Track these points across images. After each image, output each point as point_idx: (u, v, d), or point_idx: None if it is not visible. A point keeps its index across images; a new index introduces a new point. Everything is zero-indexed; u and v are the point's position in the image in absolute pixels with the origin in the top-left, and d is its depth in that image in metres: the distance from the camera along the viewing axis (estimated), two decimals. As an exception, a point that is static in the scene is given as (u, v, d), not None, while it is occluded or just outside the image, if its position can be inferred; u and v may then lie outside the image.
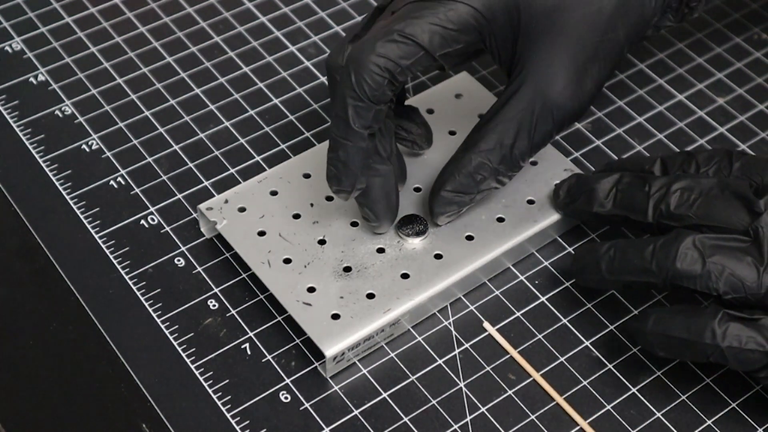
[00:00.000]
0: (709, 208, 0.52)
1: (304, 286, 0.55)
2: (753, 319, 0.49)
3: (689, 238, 0.50)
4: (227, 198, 0.58)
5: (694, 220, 0.52)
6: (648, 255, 0.51)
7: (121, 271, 0.58)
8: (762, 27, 0.71)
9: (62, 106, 0.66)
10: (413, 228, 0.57)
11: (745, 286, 0.49)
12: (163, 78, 0.67)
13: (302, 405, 0.53)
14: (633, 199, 0.54)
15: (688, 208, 0.52)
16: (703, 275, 0.50)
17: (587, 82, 0.55)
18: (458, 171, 0.55)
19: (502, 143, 0.54)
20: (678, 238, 0.51)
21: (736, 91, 0.67)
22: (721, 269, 0.49)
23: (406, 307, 0.54)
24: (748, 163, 0.54)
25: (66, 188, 0.61)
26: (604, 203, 0.55)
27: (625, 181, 0.55)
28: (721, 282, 0.49)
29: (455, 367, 0.54)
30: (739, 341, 0.49)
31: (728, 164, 0.54)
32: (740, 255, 0.50)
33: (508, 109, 0.55)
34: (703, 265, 0.50)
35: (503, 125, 0.55)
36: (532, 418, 0.53)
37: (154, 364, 0.54)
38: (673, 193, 0.53)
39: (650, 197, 0.53)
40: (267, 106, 0.66)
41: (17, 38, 0.69)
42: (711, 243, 0.50)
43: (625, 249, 0.53)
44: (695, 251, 0.50)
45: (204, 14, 0.71)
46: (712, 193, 0.52)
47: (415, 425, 0.52)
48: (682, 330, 0.50)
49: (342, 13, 0.71)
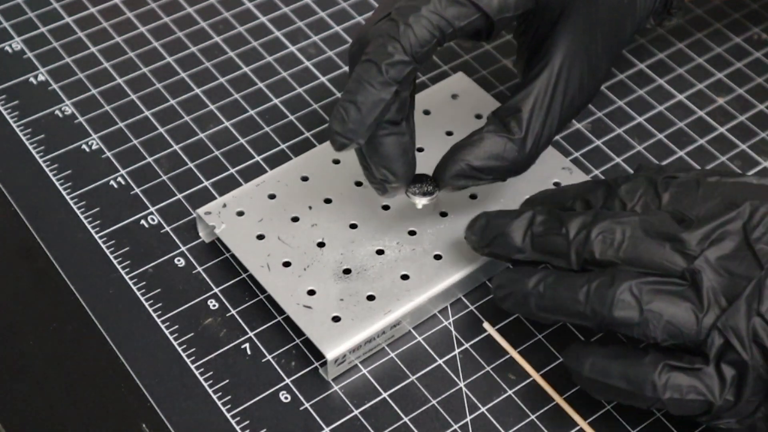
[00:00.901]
0: (637, 252, 0.49)
1: (304, 289, 0.55)
2: (693, 368, 0.47)
3: (625, 284, 0.48)
4: (225, 202, 0.58)
5: (622, 265, 0.49)
6: (582, 298, 0.49)
7: (121, 271, 0.58)
8: (762, 27, 0.71)
9: (62, 106, 0.66)
10: (421, 188, 0.55)
11: (683, 333, 0.48)
12: (163, 78, 0.67)
13: (302, 405, 0.53)
14: (552, 243, 0.51)
15: (614, 253, 0.49)
16: (641, 323, 0.48)
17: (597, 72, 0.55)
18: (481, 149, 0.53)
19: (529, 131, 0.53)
20: (614, 283, 0.48)
21: (736, 91, 0.67)
22: (659, 317, 0.48)
23: (406, 308, 0.54)
24: (678, 193, 0.51)
25: (66, 188, 0.61)
26: (522, 248, 0.52)
27: (539, 221, 0.52)
28: (659, 330, 0.48)
29: (455, 367, 0.54)
30: (680, 392, 0.47)
31: (655, 196, 0.51)
32: (678, 300, 0.48)
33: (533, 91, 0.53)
34: (641, 313, 0.48)
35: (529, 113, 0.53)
36: (532, 418, 0.53)
37: (154, 364, 0.54)
38: (595, 237, 0.50)
39: (570, 243, 0.50)
40: (267, 106, 0.66)
41: (17, 38, 0.69)
42: (648, 288, 0.48)
43: (555, 286, 0.50)
44: (632, 298, 0.48)
45: (204, 14, 0.71)
46: (636, 234, 0.49)
47: (415, 425, 0.52)
48: (621, 380, 0.48)
49: (342, 13, 0.71)
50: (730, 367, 0.47)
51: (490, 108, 0.63)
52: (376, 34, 0.51)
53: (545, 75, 0.54)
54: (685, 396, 0.47)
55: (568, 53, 0.54)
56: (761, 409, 0.47)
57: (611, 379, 0.49)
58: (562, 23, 0.54)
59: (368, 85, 0.50)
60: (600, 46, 0.55)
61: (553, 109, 0.54)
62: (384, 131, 0.52)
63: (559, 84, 0.54)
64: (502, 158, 0.53)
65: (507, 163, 0.53)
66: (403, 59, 0.50)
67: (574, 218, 0.51)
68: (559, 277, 0.50)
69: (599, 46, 0.55)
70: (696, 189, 0.51)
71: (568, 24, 0.54)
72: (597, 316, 0.49)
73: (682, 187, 0.51)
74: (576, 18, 0.54)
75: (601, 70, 0.56)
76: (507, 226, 0.53)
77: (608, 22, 0.55)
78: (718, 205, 0.50)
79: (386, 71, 0.50)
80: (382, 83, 0.50)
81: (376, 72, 0.50)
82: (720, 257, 0.48)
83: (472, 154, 0.53)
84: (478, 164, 0.53)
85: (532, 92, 0.54)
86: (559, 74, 0.54)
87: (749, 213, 0.49)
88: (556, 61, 0.54)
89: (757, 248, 0.48)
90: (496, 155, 0.53)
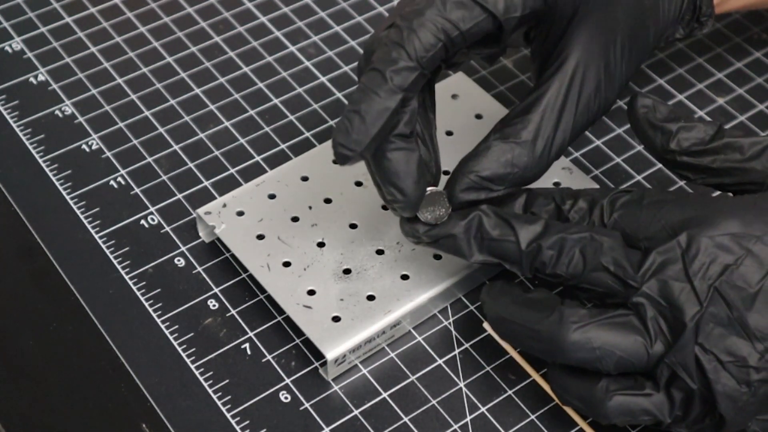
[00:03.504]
0: (584, 276, 0.50)
1: (304, 289, 0.55)
2: (644, 394, 0.48)
3: (571, 329, 0.48)
4: (225, 202, 0.58)
5: (572, 281, 0.50)
6: (534, 337, 0.49)
7: (121, 271, 0.58)
8: (762, 27, 0.71)
9: (62, 106, 0.66)
10: (433, 212, 0.52)
11: (635, 365, 0.48)
12: (163, 78, 0.67)
13: (302, 405, 0.53)
14: (504, 249, 0.51)
15: (563, 269, 0.50)
16: (593, 360, 0.48)
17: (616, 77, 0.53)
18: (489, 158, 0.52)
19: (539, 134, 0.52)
20: (561, 326, 0.48)
21: (736, 91, 0.67)
22: (610, 353, 0.48)
23: (406, 308, 0.54)
24: (624, 215, 0.51)
25: (66, 188, 0.61)
26: (472, 252, 0.51)
27: (490, 225, 0.51)
28: (612, 366, 0.48)
29: (455, 367, 0.54)
30: (632, 416, 0.48)
31: (600, 216, 0.51)
32: (627, 333, 0.48)
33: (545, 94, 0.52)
34: (592, 351, 0.48)
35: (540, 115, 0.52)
36: (532, 418, 0.53)
37: (154, 364, 0.54)
38: (545, 251, 0.50)
39: (523, 253, 0.50)
40: (267, 106, 0.66)
41: (17, 38, 0.69)
42: (596, 323, 0.48)
43: (511, 322, 0.50)
44: (582, 337, 0.48)
45: (204, 14, 0.71)
46: (586, 252, 0.49)
47: (415, 425, 0.52)
48: (577, 398, 0.49)
49: (342, 13, 0.71)
50: (678, 391, 0.48)
51: (490, 108, 0.63)
52: (381, 43, 0.50)
53: (558, 77, 0.52)
54: (636, 418, 0.49)
55: (583, 54, 0.52)
56: (709, 416, 0.48)
57: (570, 394, 0.50)
58: (576, 24, 0.52)
59: (372, 93, 0.48)
60: (618, 50, 0.53)
61: (566, 113, 0.52)
62: (391, 145, 0.50)
63: (573, 86, 0.52)
64: (512, 165, 0.51)
65: (518, 170, 0.52)
66: (408, 65, 0.49)
67: (524, 226, 0.51)
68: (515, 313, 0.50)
69: (617, 50, 0.53)
70: (639, 210, 0.51)
71: (583, 25, 0.52)
72: (554, 356, 0.49)
73: (628, 207, 0.51)
74: (591, 19, 0.52)
75: (621, 76, 0.54)
76: (454, 227, 0.51)
77: (627, 25, 0.53)
78: (660, 231, 0.50)
79: (391, 78, 0.48)
80: (387, 91, 0.48)
81: (380, 80, 0.48)
82: (660, 290, 0.48)
83: (479, 164, 0.52)
84: (487, 174, 0.51)
85: (544, 95, 0.52)
86: (573, 76, 0.52)
87: (686, 243, 0.49)
88: (571, 62, 0.52)
89: (695, 283, 0.48)
90: (505, 162, 0.51)
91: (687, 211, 0.50)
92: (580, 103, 0.52)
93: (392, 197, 0.51)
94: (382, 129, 0.48)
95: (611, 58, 0.53)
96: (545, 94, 0.52)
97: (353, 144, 0.48)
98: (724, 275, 0.48)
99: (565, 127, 0.52)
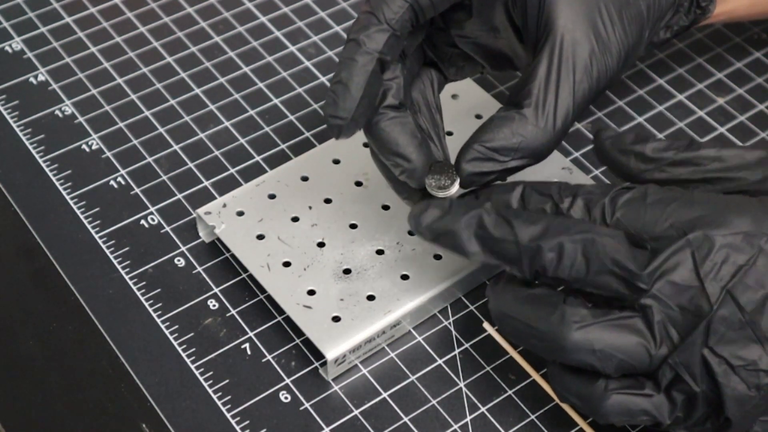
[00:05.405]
0: (588, 278, 0.48)
1: (304, 289, 0.55)
2: (644, 394, 0.48)
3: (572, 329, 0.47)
4: (225, 202, 0.58)
5: (573, 285, 0.49)
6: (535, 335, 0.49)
7: (121, 271, 0.58)
8: (762, 27, 0.71)
9: (62, 106, 0.66)
10: (438, 180, 0.52)
11: (636, 367, 0.48)
12: (163, 78, 0.67)
13: (302, 405, 0.53)
14: (504, 249, 0.50)
15: (564, 272, 0.49)
16: (594, 363, 0.48)
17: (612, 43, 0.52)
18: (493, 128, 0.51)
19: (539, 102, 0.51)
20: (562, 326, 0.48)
21: (736, 91, 0.67)
22: (611, 356, 0.47)
23: (406, 308, 0.54)
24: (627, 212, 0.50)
25: (66, 188, 0.61)
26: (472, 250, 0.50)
27: (490, 223, 0.50)
28: (612, 368, 0.48)
29: (455, 367, 0.54)
30: (631, 416, 0.48)
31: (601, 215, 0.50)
32: (629, 335, 0.47)
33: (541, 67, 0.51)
34: (593, 353, 0.47)
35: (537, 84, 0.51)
36: (532, 418, 0.53)
37: (154, 364, 0.54)
38: (546, 253, 0.49)
39: (522, 253, 0.49)
40: (267, 106, 0.66)
41: (17, 38, 0.69)
42: (598, 326, 0.47)
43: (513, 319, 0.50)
44: (583, 338, 0.47)
45: (204, 14, 0.71)
46: (588, 254, 0.48)
47: (415, 425, 0.52)
48: (575, 396, 0.49)
49: (342, 13, 0.71)
50: (680, 393, 0.47)
51: (490, 108, 0.63)
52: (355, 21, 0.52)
53: (548, 46, 0.52)
54: (635, 418, 0.48)
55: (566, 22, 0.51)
56: (711, 419, 0.48)
57: (567, 393, 0.49)
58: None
59: (350, 60, 0.50)
60: (606, 14, 0.52)
61: (564, 80, 0.51)
62: (383, 117, 0.51)
63: (565, 52, 0.51)
64: (517, 133, 0.51)
65: (523, 139, 0.51)
66: (379, 28, 0.50)
67: (524, 226, 0.50)
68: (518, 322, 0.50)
69: (604, 14, 0.52)
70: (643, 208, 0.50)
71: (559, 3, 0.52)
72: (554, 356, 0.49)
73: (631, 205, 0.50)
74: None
75: (617, 43, 0.53)
76: (454, 223, 0.51)
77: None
78: (667, 231, 0.49)
79: (364, 42, 0.50)
80: (362, 54, 0.50)
81: (355, 46, 0.50)
82: (670, 291, 0.47)
83: (484, 135, 0.51)
84: (492, 144, 0.51)
85: (539, 64, 0.51)
86: (562, 43, 0.51)
87: (698, 243, 0.48)
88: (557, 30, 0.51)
89: (706, 284, 0.47)
90: (509, 132, 0.51)
91: (695, 210, 0.49)
92: (576, 68, 0.52)
93: (398, 166, 0.52)
94: (366, 93, 0.50)
95: (599, 23, 0.52)
96: (540, 64, 0.52)
97: (342, 112, 0.50)
98: (736, 276, 0.47)
99: (566, 94, 0.52)
